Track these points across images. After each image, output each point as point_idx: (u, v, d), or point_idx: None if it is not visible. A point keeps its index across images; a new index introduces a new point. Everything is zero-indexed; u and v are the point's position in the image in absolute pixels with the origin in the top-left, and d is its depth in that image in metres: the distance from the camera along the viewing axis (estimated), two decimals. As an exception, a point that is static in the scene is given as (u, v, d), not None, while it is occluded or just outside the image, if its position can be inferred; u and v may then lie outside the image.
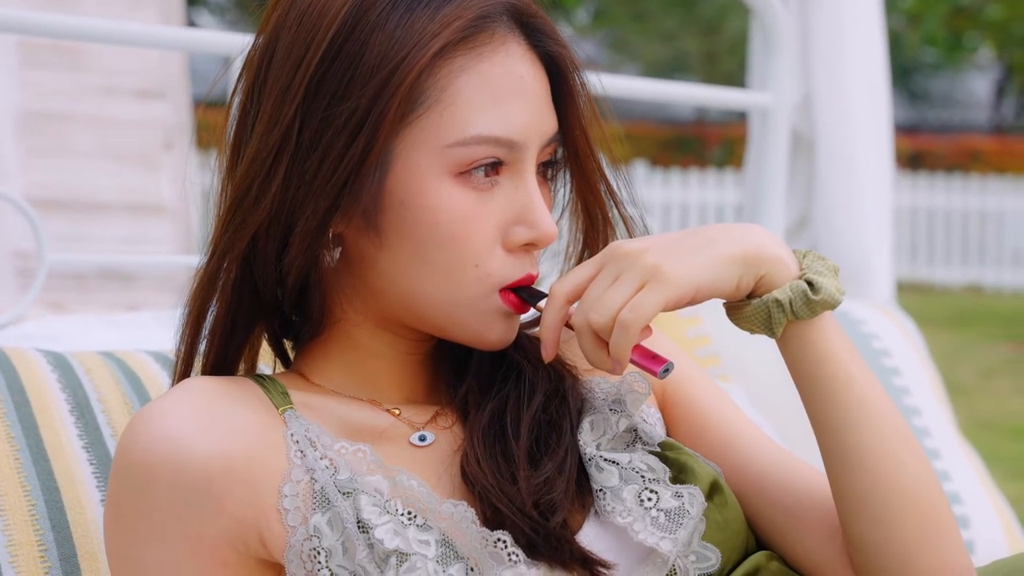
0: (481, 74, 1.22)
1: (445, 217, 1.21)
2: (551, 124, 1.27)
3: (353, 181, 1.19)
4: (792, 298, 1.21)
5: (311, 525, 1.16)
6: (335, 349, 1.29)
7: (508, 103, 1.23)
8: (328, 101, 1.19)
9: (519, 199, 1.24)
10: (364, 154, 1.19)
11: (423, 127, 1.21)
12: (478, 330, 1.25)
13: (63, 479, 1.44)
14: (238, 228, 1.23)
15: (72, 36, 1.94)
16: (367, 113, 1.18)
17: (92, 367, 1.56)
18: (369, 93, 1.18)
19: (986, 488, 2.29)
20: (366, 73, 1.19)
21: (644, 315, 1.17)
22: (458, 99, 1.21)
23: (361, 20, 1.20)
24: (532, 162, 1.25)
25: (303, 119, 1.20)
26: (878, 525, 1.22)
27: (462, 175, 1.22)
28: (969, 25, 17.69)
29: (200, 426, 1.18)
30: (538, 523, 1.17)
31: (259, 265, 1.24)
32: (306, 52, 1.21)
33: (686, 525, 1.19)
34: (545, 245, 1.26)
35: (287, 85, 1.21)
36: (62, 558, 1.39)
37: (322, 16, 1.21)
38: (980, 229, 13.52)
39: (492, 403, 1.27)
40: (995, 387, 8.02)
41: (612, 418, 1.27)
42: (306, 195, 1.20)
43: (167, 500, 1.16)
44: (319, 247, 1.22)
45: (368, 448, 1.21)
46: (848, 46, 2.79)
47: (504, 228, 1.24)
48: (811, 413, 1.25)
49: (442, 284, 1.23)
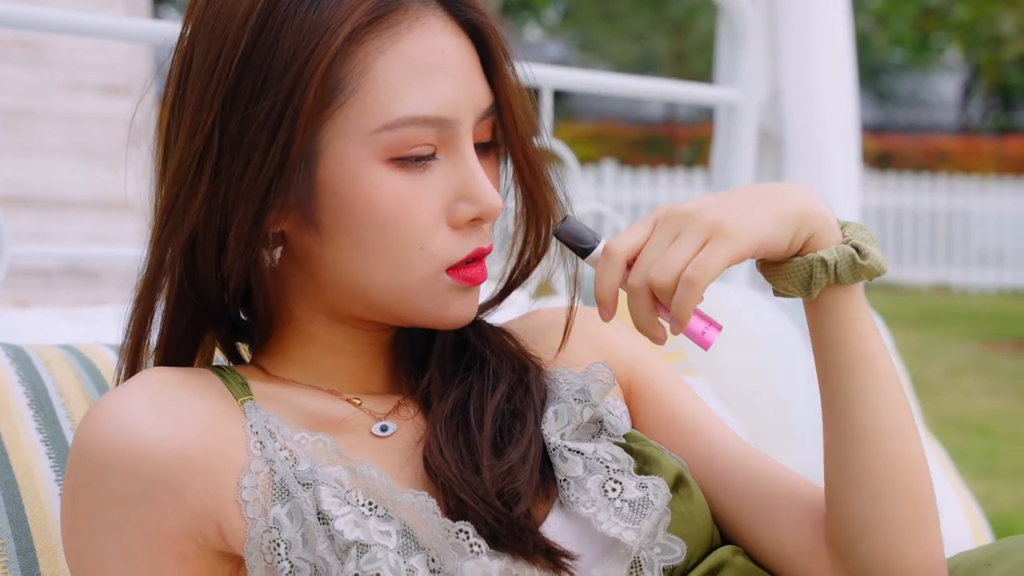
0: (400, 53, 1.19)
1: (381, 203, 1.19)
2: (484, 96, 1.24)
3: (279, 179, 1.17)
4: (838, 260, 1.20)
5: (270, 517, 1.15)
6: (292, 346, 1.28)
7: (432, 80, 1.20)
8: (246, 102, 1.17)
9: (458, 175, 1.22)
10: (286, 150, 1.17)
11: (347, 115, 1.19)
12: (434, 312, 1.24)
13: (21, 473, 1.42)
14: (170, 236, 1.22)
15: (38, 27, 1.93)
16: (284, 109, 1.16)
17: (51, 360, 1.55)
18: (284, 88, 1.16)
19: (952, 484, 2.30)
20: (279, 69, 1.17)
21: (711, 272, 1.14)
22: (379, 82, 1.18)
23: (271, 17, 1.18)
24: (468, 136, 1.22)
25: (224, 123, 1.18)
26: (875, 503, 1.21)
27: (394, 160, 1.19)
28: (936, 26, 17.80)
29: (157, 417, 1.16)
30: (501, 513, 1.16)
31: (199, 271, 1.22)
32: (220, 55, 1.19)
33: (650, 516, 1.18)
34: (491, 219, 1.24)
35: (205, 89, 1.19)
36: (20, 552, 1.38)
37: (232, 17, 1.19)
38: (947, 229, 13.61)
39: (455, 392, 1.26)
40: (962, 385, 8.06)
41: (576, 407, 1.26)
42: (235, 198, 1.18)
43: (124, 492, 1.15)
44: (256, 248, 1.20)
45: (328, 438, 1.20)
46: (816, 44, 2.79)
47: (447, 206, 1.22)
48: (828, 382, 1.24)
49: (389, 271, 1.21)
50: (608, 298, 1.18)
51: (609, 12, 18.45)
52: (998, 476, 5.54)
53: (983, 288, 13.63)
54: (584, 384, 1.28)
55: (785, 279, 1.21)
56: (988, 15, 16.35)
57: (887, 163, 15.71)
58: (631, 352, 1.39)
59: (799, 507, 1.28)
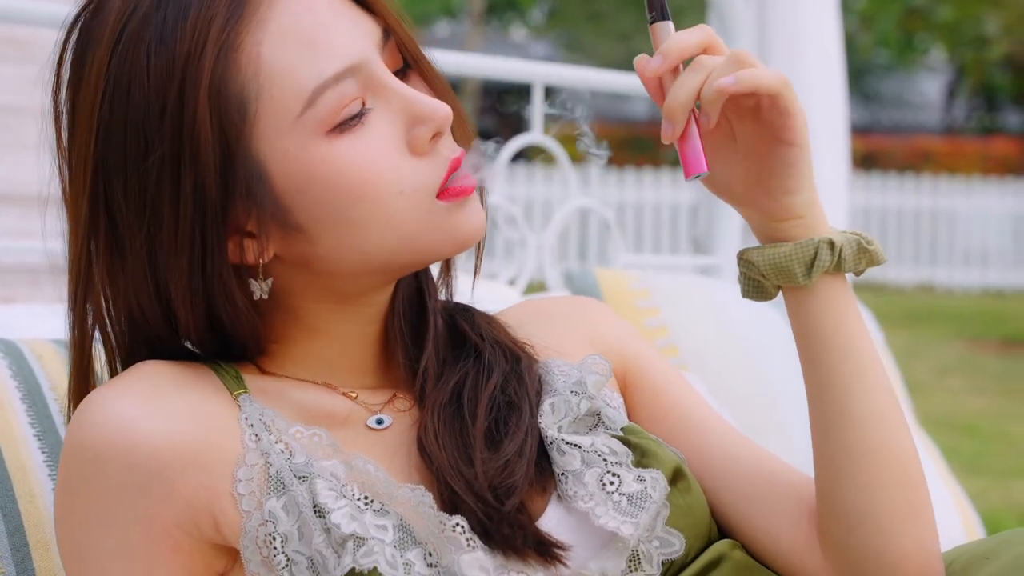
0: (276, 34, 1.15)
1: (344, 175, 1.16)
2: (372, 25, 1.20)
3: (206, 219, 1.14)
4: (844, 244, 1.20)
5: (266, 510, 1.14)
6: (291, 343, 1.26)
7: (319, 38, 1.16)
8: (133, 162, 1.15)
9: (396, 106, 1.18)
10: (199, 192, 1.14)
11: (267, 119, 1.15)
12: (448, 239, 1.21)
13: (14, 468, 1.41)
14: (85, 300, 1.23)
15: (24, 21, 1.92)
16: (178, 153, 1.13)
17: (44, 354, 1.54)
18: (167, 135, 1.13)
19: (944, 480, 2.30)
20: (155, 118, 1.14)
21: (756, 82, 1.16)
22: (275, 72, 1.14)
23: (125, 73, 1.15)
24: (382, 67, 1.19)
25: (109, 191, 1.17)
26: (869, 492, 1.21)
27: (333, 130, 1.16)
28: (921, 26, 17.83)
29: (150, 409, 1.15)
30: (492, 508, 1.15)
31: (145, 327, 1.22)
32: (89, 137, 1.17)
33: (648, 509, 1.18)
34: (447, 126, 1.20)
35: (83, 177, 1.18)
36: (13, 548, 1.37)
37: (87, 90, 1.17)
38: (932, 229, 13.65)
39: (449, 381, 1.25)
40: (949, 385, 8.08)
41: (573, 400, 1.25)
42: (164, 260, 1.16)
43: (117, 484, 1.14)
44: (243, 285, 1.19)
45: (324, 432, 1.19)
46: (805, 44, 2.79)
47: (403, 141, 1.18)
48: (819, 370, 1.23)
49: (385, 231, 1.18)
50: (681, 109, 1.17)
51: (594, 12, 18.45)
52: (985, 475, 5.55)
53: (968, 288, 13.66)
54: (580, 376, 1.27)
55: (786, 258, 1.20)
56: (973, 15, 16.39)
57: (872, 163, 15.73)
58: (626, 343, 1.39)
59: (794, 500, 1.27)
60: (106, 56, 1.16)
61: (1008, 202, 13.71)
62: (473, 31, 17.00)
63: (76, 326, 1.24)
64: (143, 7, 1.15)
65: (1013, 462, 5.96)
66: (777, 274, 1.21)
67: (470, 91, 14.97)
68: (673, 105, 1.16)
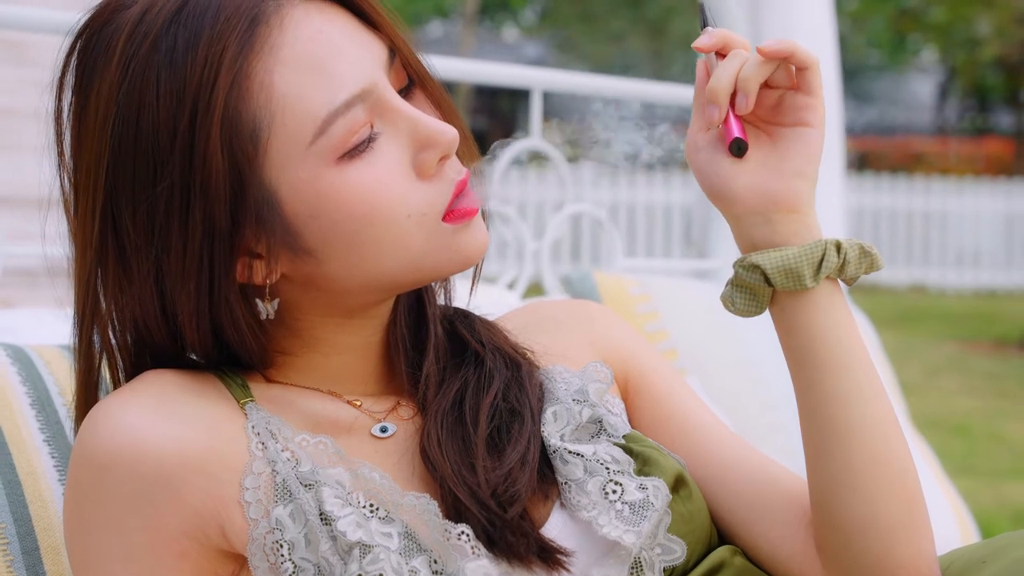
0: (288, 62, 1.15)
1: (354, 201, 1.17)
2: (379, 46, 1.21)
3: (213, 245, 1.15)
4: (848, 248, 1.21)
5: (273, 518, 1.15)
6: (297, 354, 1.27)
7: (329, 64, 1.16)
8: (142, 190, 1.16)
9: (403, 130, 1.20)
10: (209, 219, 1.14)
11: (279, 147, 1.15)
12: (455, 258, 1.22)
13: (24, 473, 1.42)
14: (92, 324, 1.23)
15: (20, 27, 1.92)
16: (188, 181, 1.14)
17: (52, 360, 1.55)
18: (177, 162, 1.14)
19: (939, 482, 2.31)
20: (166, 145, 1.14)
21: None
22: (287, 99, 1.15)
23: (135, 99, 1.15)
24: (390, 89, 1.20)
25: (117, 218, 1.17)
26: (869, 504, 1.21)
27: (343, 157, 1.17)
28: (913, 27, 17.84)
29: (159, 417, 1.17)
30: (495, 514, 1.16)
31: (158, 346, 1.23)
32: (97, 160, 1.17)
33: (650, 518, 1.19)
34: (454, 149, 1.21)
35: (90, 200, 1.18)
36: (24, 552, 1.38)
37: (94, 113, 1.17)
38: (924, 230, 13.65)
39: (451, 388, 1.26)
40: (940, 386, 8.08)
41: (575, 408, 1.26)
42: (172, 282, 1.17)
43: (125, 491, 1.15)
44: (249, 305, 1.20)
45: (329, 440, 1.20)
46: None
47: (410, 165, 1.20)
48: (817, 381, 1.23)
49: (392, 253, 1.19)
50: (724, 92, 1.22)
51: (587, 13, 18.43)
52: (977, 476, 5.56)
53: (960, 289, 13.67)
54: (582, 384, 1.29)
55: (794, 262, 1.20)
56: (964, 17, 16.40)
57: (864, 164, 15.76)
58: (628, 349, 1.39)
59: (795, 507, 1.28)
60: (116, 80, 1.16)
61: (1000, 203, 13.72)
62: (466, 31, 16.97)
63: (82, 340, 1.25)
64: (153, 30, 1.15)
65: (1005, 462, 5.97)
66: (785, 277, 1.21)
67: (463, 91, 14.96)
68: (716, 88, 1.21)
